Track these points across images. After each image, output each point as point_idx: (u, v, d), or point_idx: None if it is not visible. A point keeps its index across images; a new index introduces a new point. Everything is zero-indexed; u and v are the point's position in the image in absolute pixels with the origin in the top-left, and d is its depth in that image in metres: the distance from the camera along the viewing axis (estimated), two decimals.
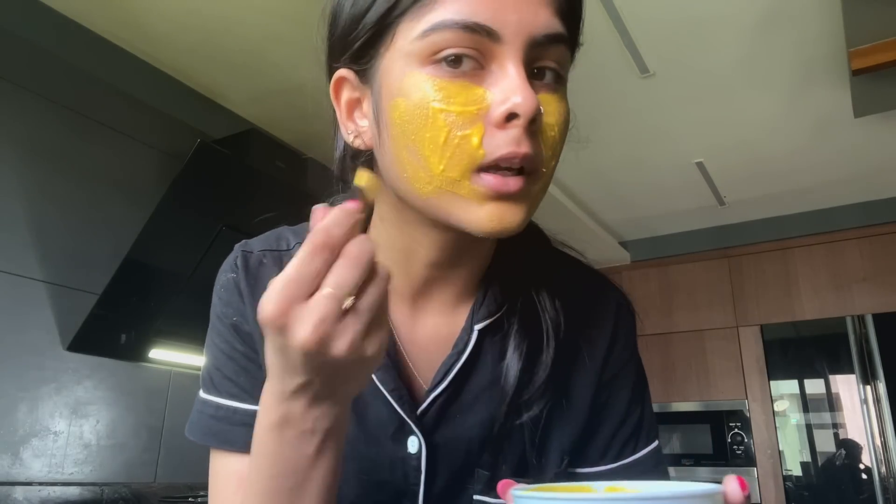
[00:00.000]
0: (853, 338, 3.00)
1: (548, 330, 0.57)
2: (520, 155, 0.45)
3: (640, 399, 0.63)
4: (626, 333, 0.63)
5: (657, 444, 0.64)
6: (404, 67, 0.47)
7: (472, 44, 0.45)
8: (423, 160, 0.46)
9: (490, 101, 0.45)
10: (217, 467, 0.57)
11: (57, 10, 1.90)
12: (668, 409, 3.33)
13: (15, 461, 1.71)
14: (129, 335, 1.96)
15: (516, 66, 0.45)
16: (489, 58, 0.46)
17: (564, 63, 0.49)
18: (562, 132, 0.49)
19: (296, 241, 0.62)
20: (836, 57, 2.09)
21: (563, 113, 0.49)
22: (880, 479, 2.80)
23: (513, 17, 0.45)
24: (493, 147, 0.45)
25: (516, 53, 0.45)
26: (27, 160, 1.84)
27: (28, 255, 1.81)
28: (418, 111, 0.46)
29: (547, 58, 0.48)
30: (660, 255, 3.66)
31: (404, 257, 0.57)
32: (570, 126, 0.54)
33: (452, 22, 0.45)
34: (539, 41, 0.46)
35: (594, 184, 3.05)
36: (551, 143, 0.48)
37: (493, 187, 0.45)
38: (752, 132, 2.61)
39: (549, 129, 0.47)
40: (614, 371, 0.62)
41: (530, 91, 0.44)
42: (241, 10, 1.87)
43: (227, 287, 0.60)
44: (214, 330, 0.60)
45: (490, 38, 0.45)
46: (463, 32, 0.45)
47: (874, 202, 3.19)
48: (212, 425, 0.57)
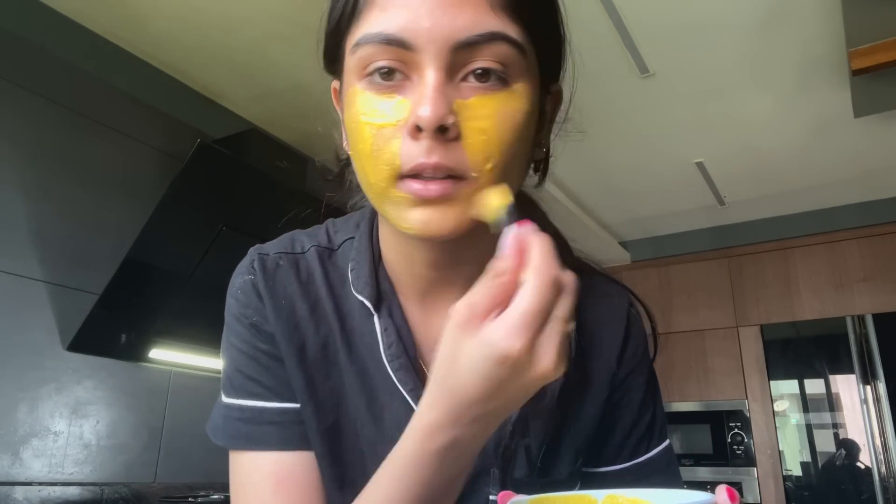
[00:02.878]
0: (853, 338, 3.00)
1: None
2: (429, 165, 0.46)
3: (653, 399, 0.64)
4: (638, 334, 0.64)
5: (668, 442, 0.64)
6: (348, 83, 0.50)
7: (393, 56, 0.46)
8: (362, 171, 0.49)
9: (407, 113, 0.46)
10: (248, 469, 0.56)
11: (57, 10, 1.90)
12: (668, 409, 3.33)
13: (15, 461, 1.71)
14: (129, 335, 1.96)
15: (430, 70, 0.46)
16: (412, 67, 0.46)
17: (510, 61, 0.47)
18: (500, 134, 0.47)
19: (311, 244, 0.62)
20: (836, 57, 2.09)
21: (504, 113, 0.47)
22: (880, 479, 2.80)
23: (426, 24, 0.45)
24: (407, 157, 0.46)
25: (432, 61, 0.46)
26: (27, 160, 1.84)
27: (28, 255, 1.81)
28: (353, 124, 0.49)
29: (478, 59, 0.46)
30: (660, 255, 3.66)
31: (406, 258, 0.57)
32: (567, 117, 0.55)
33: (371, 35, 0.46)
34: (462, 44, 0.46)
35: (594, 184, 3.05)
36: (482, 147, 0.46)
37: (415, 192, 0.47)
38: (752, 132, 2.61)
39: (479, 134, 0.46)
40: (627, 371, 0.62)
41: (436, 100, 0.45)
42: (242, 9, 1.87)
43: (244, 289, 0.60)
44: (232, 332, 0.59)
45: (406, 48, 0.46)
46: (381, 45, 0.46)
47: (874, 202, 3.19)
48: (240, 427, 0.57)
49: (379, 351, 0.57)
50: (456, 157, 0.46)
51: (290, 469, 0.55)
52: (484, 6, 0.46)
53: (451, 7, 0.45)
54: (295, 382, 0.57)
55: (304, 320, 0.58)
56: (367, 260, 0.59)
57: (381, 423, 0.57)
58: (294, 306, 0.59)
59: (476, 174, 0.47)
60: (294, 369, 0.57)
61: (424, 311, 0.60)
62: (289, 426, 0.56)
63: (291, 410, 0.57)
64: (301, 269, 0.60)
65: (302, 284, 0.60)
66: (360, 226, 0.62)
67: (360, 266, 0.59)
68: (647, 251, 3.72)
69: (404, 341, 0.57)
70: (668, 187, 3.11)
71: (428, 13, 0.45)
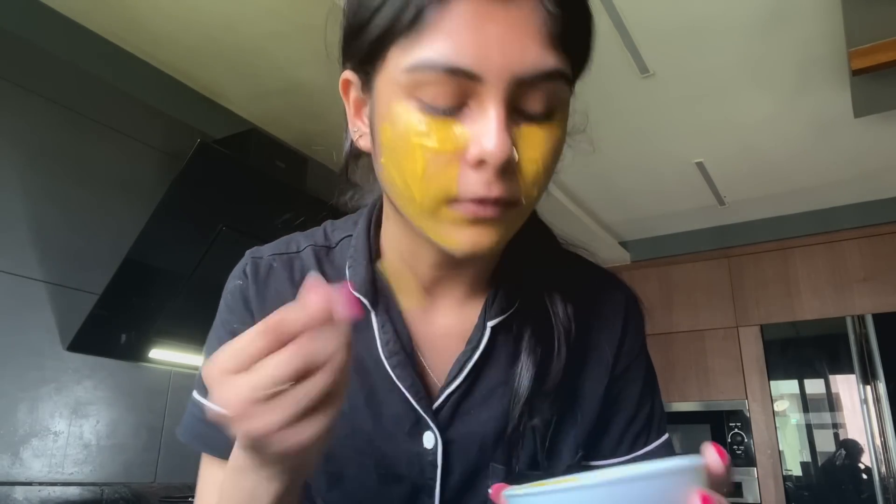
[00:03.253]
0: (853, 338, 3.00)
1: (559, 338, 0.58)
2: (491, 198, 0.46)
3: (651, 392, 0.65)
4: (636, 328, 0.64)
5: (668, 436, 0.65)
6: (392, 94, 0.47)
7: (455, 86, 0.45)
8: (406, 187, 0.48)
9: (466, 141, 0.45)
10: (203, 473, 0.58)
11: (57, 10, 1.90)
12: (668, 409, 3.33)
13: (15, 461, 1.71)
14: (129, 335, 1.96)
15: (495, 107, 0.45)
16: (471, 95, 0.46)
17: (559, 95, 0.48)
18: (546, 163, 0.48)
19: (307, 244, 0.63)
20: (836, 57, 2.09)
21: (551, 143, 0.48)
22: (880, 479, 2.80)
23: (496, 58, 0.44)
24: (466, 186, 0.46)
25: (497, 94, 0.45)
26: (27, 160, 1.84)
27: (28, 255, 1.81)
28: (401, 141, 0.47)
29: (535, 94, 0.46)
30: (660, 255, 3.66)
31: (411, 256, 0.58)
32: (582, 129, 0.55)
33: (435, 63, 0.44)
34: (525, 81, 0.45)
35: (594, 184, 3.05)
36: (532, 177, 0.48)
37: (472, 213, 0.47)
38: (752, 132, 2.61)
39: (531, 164, 0.47)
40: (625, 364, 0.63)
41: (503, 137, 0.44)
42: (242, 9, 1.87)
43: (233, 294, 0.61)
44: (216, 334, 0.61)
45: (471, 79, 0.45)
46: (444, 74, 0.44)
47: (874, 202, 3.19)
48: (196, 427, 0.58)
49: (376, 348, 0.57)
50: (513, 188, 0.47)
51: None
52: (545, 40, 0.46)
53: (519, 41, 0.45)
54: None
55: None
56: (364, 257, 0.60)
57: (380, 419, 0.57)
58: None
59: (525, 200, 0.48)
60: None
61: (424, 309, 0.60)
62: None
63: None
64: (295, 269, 0.61)
65: (295, 285, 0.60)
66: (359, 224, 0.63)
67: (357, 263, 0.60)
68: (647, 251, 3.72)
69: (401, 338, 0.58)
70: (668, 187, 3.11)
71: (498, 46, 0.44)
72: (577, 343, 0.59)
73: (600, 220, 3.47)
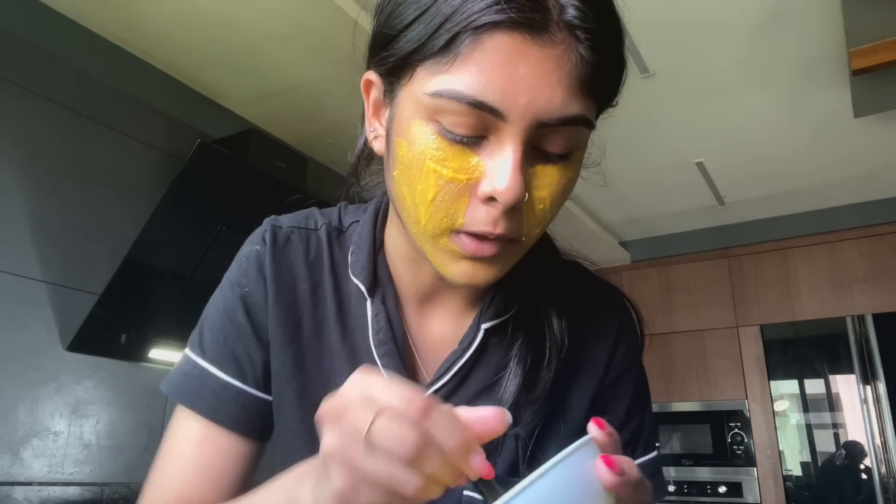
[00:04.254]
0: (853, 338, 3.00)
1: (551, 349, 0.58)
2: (494, 234, 0.46)
3: (641, 407, 0.63)
4: (630, 341, 0.63)
5: (656, 454, 0.63)
6: (413, 112, 0.47)
7: (476, 118, 0.44)
8: (414, 208, 0.48)
9: (480, 175, 0.45)
10: (178, 425, 0.59)
11: (57, 10, 1.90)
12: (668, 409, 3.33)
13: (15, 461, 1.71)
14: (129, 335, 1.96)
15: (514, 147, 0.45)
16: (491, 130, 0.45)
17: (579, 138, 0.47)
18: (554, 202, 0.49)
19: (323, 222, 0.63)
20: (836, 57, 2.09)
21: (564, 182, 0.48)
22: (880, 479, 2.80)
23: (523, 99, 0.43)
24: (472, 220, 0.46)
25: (517, 134, 0.44)
26: (27, 160, 1.84)
27: (28, 255, 1.80)
28: (416, 162, 0.46)
29: (556, 137, 0.46)
30: (660, 255, 3.66)
31: (413, 264, 0.58)
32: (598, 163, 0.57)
33: (461, 95, 0.43)
34: (547, 124, 0.45)
35: (594, 184, 3.04)
36: (539, 216, 0.48)
37: (468, 249, 0.47)
38: (752, 132, 2.61)
39: (539, 203, 0.47)
40: (615, 376, 0.62)
41: (517, 178, 0.44)
42: (242, 9, 1.87)
43: (249, 258, 0.61)
44: (222, 293, 0.61)
45: (494, 115, 0.44)
46: (468, 107, 0.44)
47: (874, 202, 3.19)
48: (183, 382, 0.59)
49: (368, 335, 0.58)
50: (518, 227, 0.47)
51: (212, 437, 0.57)
52: (574, 85, 0.45)
53: (548, 84, 0.44)
54: (280, 357, 0.58)
55: (303, 299, 0.60)
56: (367, 246, 0.60)
57: None
58: (297, 283, 0.60)
59: (525, 238, 0.49)
60: (283, 345, 0.58)
61: (422, 311, 0.61)
62: (224, 402, 0.58)
63: (232, 387, 0.58)
64: (311, 246, 0.61)
65: (309, 262, 0.61)
66: (368, 211, 0.63)
67: (360, 250, 0.60)
68: (647, 251, 3.72)
69: (394, 330, 0.58)
70: (668, 187, 3.11)
71: (526, 87, 0.43)
72: (568, 353, 0.59)
73: (600, 220, 3.47)
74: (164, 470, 0.58)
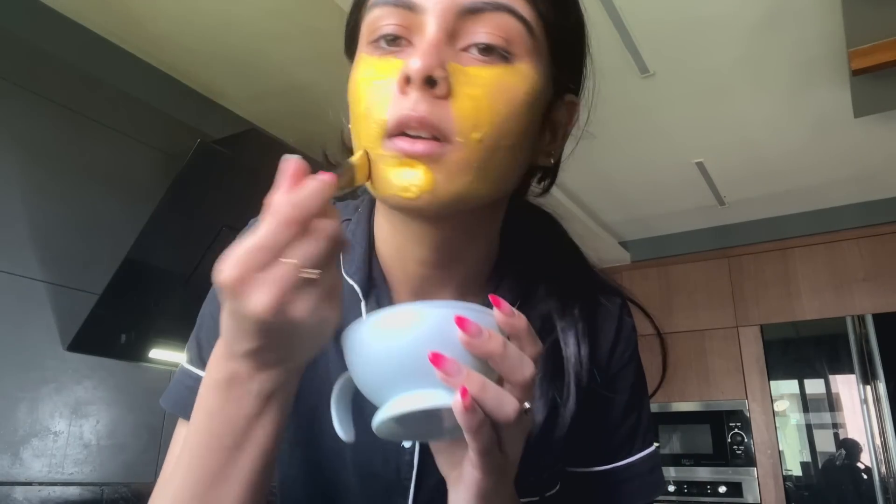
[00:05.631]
0: (853, 338, 3.00)
1: (569, 384, 0.56)
2: (414, 118, 0.45)
3: (639, 403, 0.63)
4: (629, 338, 0.63)
5: (654, 448, 0.63)
6: (358, 55, 0.51)
7: (400, 19, 0.47)
8: (356, 136, 0.49)
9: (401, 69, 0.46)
10: (181, 432, 0.57)
11: (57, 10, 1.90)
12: (668, 409, 3.33)
13: (15, 461, 1.71)
14: (129, 335, 1.96)
15: (431, 31, 0.46)
16: (415, 32, 0.47)
17: (513, 36, 0.47)
18: (492, 104, 0.46)
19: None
20: (836, 57, 2.09)
21: (499, 85, 0.46)
22: (880, 479, 2.80)
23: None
24: (394, 111, 0.45)
25: (434, 21, 0.46)
26: (27, 160, 1.84)
27: (28, 255, 1.80)
28: (353, 88, 0.49)
29: (482, 29, 0.46)
30: (660, 255, 3.66)
31: (399, 254, 0.57)
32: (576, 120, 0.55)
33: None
34: (467, 9, 0.46)
35: (594, 184, 3.04)
36: (471, 112, 0.45)
37: (401, 149, 0.46)
38: (752, 132, 2.61)
39: (470, 99, 0.45)
40: (613, 372, 0.61)
41: (428, 53, 0.45)
42: (242, 9, 1.87)
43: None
44: (214, 301, 0.59)
45: (413, 11, 0.47)
46: (389, 7, 0.47)
47: (874, 202, 3.19)
48: (187, 396, 0.56)
49: None
50: (442, 114, 0.45)
51: None
52: None
53: None
54: None
55: None
56: (362, 245, 0.59)
57: (361, 413, 0.57)
58: None
59: (462, 140, 0.45)
60: None
61: None
62: None
63: None
64: None
65: None
66: (359, 209, 0.62)
67: (355, 250, 0.59)
68: (647, 251, 3.72)
69: None
70: (668, 187, 3.11)
71: None
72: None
73: (600, 220, 3.46)
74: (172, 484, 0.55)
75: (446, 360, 0.39)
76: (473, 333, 0.40)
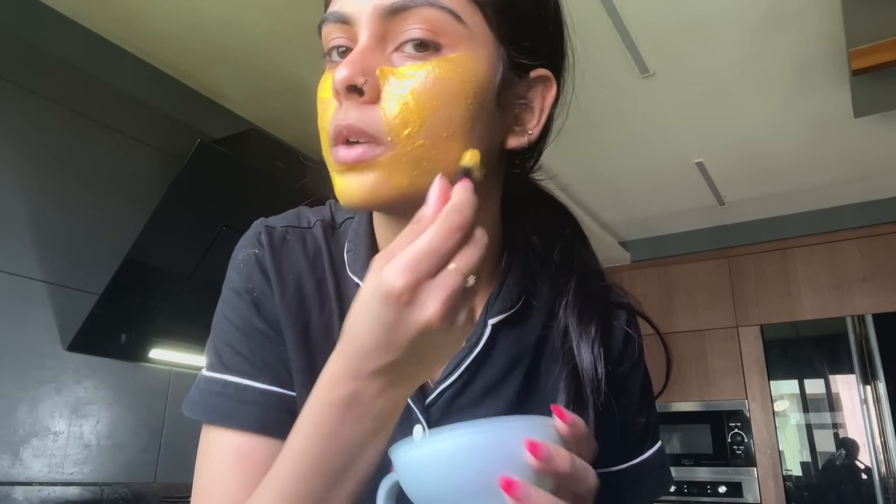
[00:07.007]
0: (853, 338, 3.00)
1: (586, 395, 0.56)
2: (343, 126, 0.47)
3: (648, 402, 0.64)
4: (637, 341, 0.65)
5: (661, 443, 0.65)
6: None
7: (343, 32, 0.49)
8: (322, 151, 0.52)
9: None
10: (212, 440, 0.55)
11: (57, 10, 1.90)
12: (668, 409, 3.33)
13: (15, 461, 1.71)
14: (129, 335, 1.96)
15: (360, 41, 0.48)
16: (355, 42, 0.49)
17: (440, 27, 0.47)
18: (421, 99, 0.46)
19: (316, 219, 0.62)
20: (836, 57, 2.09)
21: (429, 79, 0.46)
22: (880, 479, 2.80)
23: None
24: (332, 123, 0.48)
25: (363, 30, 0.48)
26: (27, 160, 1.84)
27: (28, 255, 1.80)
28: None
29: (407, 25, 0.47)
30: (660, 255, 3.66)
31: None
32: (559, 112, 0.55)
33: (328, 15, 0.50)
34: (390, 10, 0.47)
35: (594, 184, 3.05)
36: (399, 111, 0.46)
37: (339, 157, 0.48)
38: (752, 132, 2.61)
39: (398, 98, 0.46)
40: (624, 374, 0.62)
41: (349, 63, 0.46)
42: (242, 9, 1.87)
43: (248, 262, 0.58)
44: (229, 305, 0.58)
45: (348, 23, 0.48)
46: (335, 24, 0.49)
47: (874, 202, 3.19)
48: (218, 403, 0.55)
49: None
50: (371, 118, 0.46)
51: (255, 448, 0.53)
52: None
53: None
54: (295, 361, 0.56)
55: (310, 297, 0.57)
56: (365, 243, 0.59)
57: None
58: (301, 282, 0.58)
59: (391, 138, 0.46)
60: (297, 347, 0.56)
61: None
62: (268, 409, 0.54)
63: (273, 394, 0.55)
64: (308, 245, 0.60)
65: (309, 260, 0.59)
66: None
67: (358, 248, 0.59)
68: (647, 251, 3.72)
69: None
70: (668, 187, 3.11)
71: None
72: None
73: (600, 220, 3.47)
74: (210, 496, 0.54)
75: (518, 487, 0.39)
76: (545, 458, 0.40)
